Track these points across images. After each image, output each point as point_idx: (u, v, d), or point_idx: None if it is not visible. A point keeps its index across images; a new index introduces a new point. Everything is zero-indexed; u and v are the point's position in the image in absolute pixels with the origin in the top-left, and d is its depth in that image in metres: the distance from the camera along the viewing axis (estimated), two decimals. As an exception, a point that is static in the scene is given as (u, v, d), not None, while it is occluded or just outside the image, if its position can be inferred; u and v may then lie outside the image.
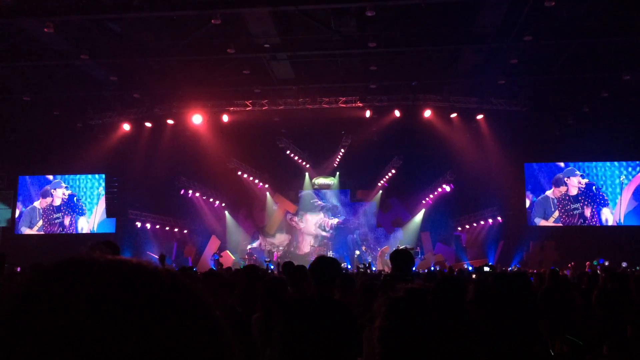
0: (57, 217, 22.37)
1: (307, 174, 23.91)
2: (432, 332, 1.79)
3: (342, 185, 24.13)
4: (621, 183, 20.57)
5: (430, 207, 22.70)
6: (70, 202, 22.40)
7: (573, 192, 20.79)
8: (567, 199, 20.82)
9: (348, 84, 17.69)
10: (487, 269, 11.66)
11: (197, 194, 22.46)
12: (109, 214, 21.83)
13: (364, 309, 4.20)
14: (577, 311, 6.51)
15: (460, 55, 15.72)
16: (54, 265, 0.53)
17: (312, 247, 23.77)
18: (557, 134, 19.62)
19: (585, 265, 15.22)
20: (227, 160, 21.89)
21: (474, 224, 21.88)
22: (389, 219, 24.07)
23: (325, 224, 24.20)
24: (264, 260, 19.70)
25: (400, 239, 22.92)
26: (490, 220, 20.97)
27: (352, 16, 13.40)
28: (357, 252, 22.83)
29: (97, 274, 0.51)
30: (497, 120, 18.86)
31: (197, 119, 18.63)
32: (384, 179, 22.94)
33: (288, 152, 22.56)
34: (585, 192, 20.70)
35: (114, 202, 21.56)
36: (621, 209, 20.44)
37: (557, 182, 20.90)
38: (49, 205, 22.35)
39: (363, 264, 15.63)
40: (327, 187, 24.17)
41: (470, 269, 16.28)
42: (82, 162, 20.63)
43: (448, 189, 21.31)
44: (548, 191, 20.96)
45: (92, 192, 22.44)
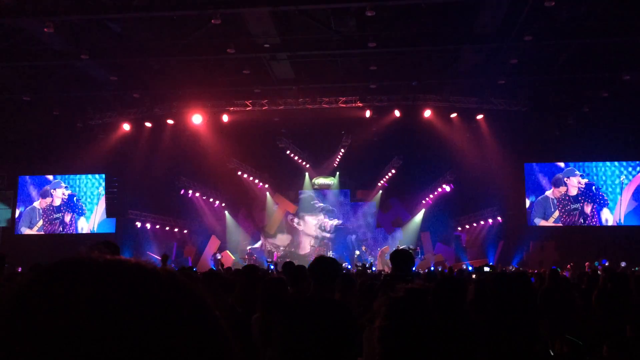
0: (57, 217, 22.36)
1: (307, 174, 23.89)
2: (432, 332, 1.79)
3: (342, 185, 24.12)
4: (621, 183, 20.57)
5: (430, 207, 22.69)
6: (70, 202, 22.39)
7: (573, 192, 20.79)
8: (567, 199, 20.82)
9: (348, 84, 17.69)
10: (487, 269, 11.64)
11: (197, 194, 22.46)
12: (109, 214, 21.84)
13: (364, 309, 4.20)
14: (577, 311, 6.51)
15: (460, 55, 15.71)
16: (53, 266, 0.53)
17: (312, 248, 23.77)
18: (557, 134, 19.62)
19: (585, 266, 15.20)
20: (227, 160, 21.89)
21: (474, 224, 21.87)
22: (389, 219, 24.06)
23: (325, 225, 24.19)
24: (266, 261, 19.70)
25: (400, 239, 22.91)
26: (490, 220, 20.96)
27: (352, 16, 13.40)
28: (357, 252, 22.83)
29: (96, 274, 0.51)
30: (497, 120, 18.87)
31: (197, 119, 18.64)
32: (384, 179, 22.93)
33: (288, 152, 22.56)
34: (585, 192, 20.70)
35: (114, 202, 21.57)
36: (621, 209, 20.45)
37: (557, 183, 20.90)
38: (48, 205, 22.33)
39: (363, 263, 15.63)
40: (327, 187, 24.15)
41: (470, 269, 16.27)
42: (82, 162, 20.65)
43: (448, 189, 21.30)
44: (548, 191, 20.96)
45: (92, 192, 22.44)
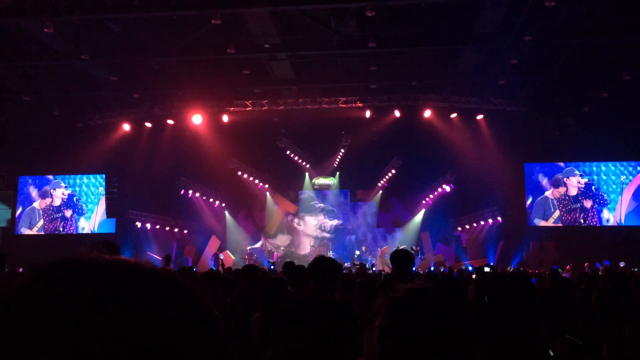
0: (57, 217, 22.36)
1: (307, 174, 23.89)
2: (432, 332, 1.78)
3: (342, 185, 24.11)
4: (622, 183, 20.57)
5: (430, 207, 22.68)
6: (70, 202, 22.39)
7: (573, 192, 20.78)
8: (567, 199, 20.81)
9: (348, 84, 17.68)
10: (487, 270, 11.62)
11: (197, 194, 22.45)
12: (109, 214, 21.84)
13: (363, 309, 4.20)
14: (577, 311, 6.51)
15: (460, 55, 15.71)
16: (52, 265, 0.53)
17: (312, 248, 23.77)
18: (557, 134, 19.62)
19: (584, 267, 15.19)
20: (227, 160, 21.88)
21: (474, 224, 21.86)
22: (389, 219, 24.05)
23: (324, 225, 24.18)
24: (267, 261, 19.70)
25: (400, 239, 22.91)
26: (490, 220, 20.95)
27: (352, 16, 13.40)
28: (357, 252, 22.83)
29: (96, 274, 0.51)
30: (497, 120, 18.87)
31: (197, 119, 18.64)
32: (384, 179, 22.92)
33: (288, 152, 22.55)
34: (585, 192, 20.70)
35: (114, 202, 21.57)
36: (622, 209, 20.44)
37: (556, 183, 20.89)
38: (48, 205, 22.33)
39: (361, 263, 15.63)
40: (327, 187, 24.15)
41: (470, 269, 16.26)
42: (82, 162, 20.65)
43: (448, 189, 21.29)
44: (547, 192, 20.96)
45: (92, 192, 22.43)
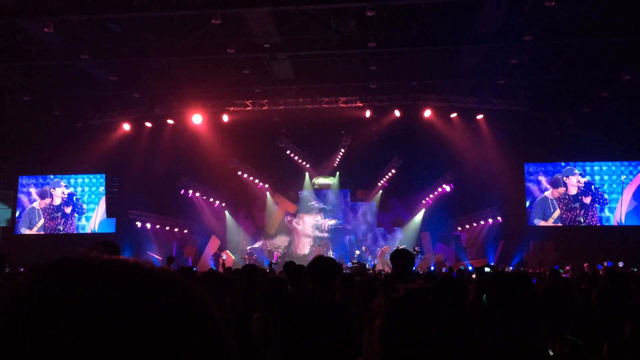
0: (57, 217, 22.36)
1: (307, 174, 23.89)
2: (432, 332, 1.78)
3: (342, 185, 24.11)
4: (622, 183, 20.57)
5: (430, 207, 22.69)
6: (70, 201, 22.39)
7: (572, 192, 20.79)
8: (567, 198, 20.81)
9: (348, 84, 17.68)
10: (487, 270, 11.61)
11: (197, 194, 22.45)
12: (109, 214, 21.85)
13: (363, 309, 4.20)
14: (577, 311, 6.50)
15: (460, 55, 15.71)
16: (52, 265, 0.53)
17: (312, 248, 23.77)
18: (557, 134, 19.62)
19: (584, 267, 15.18)
20: (227, 160, 21.88)
21: (474, 224, 21.86)
22: (389, 219, 24.05)
23: (322, 225, 24.17)
24: (267, 261, 19.67)
25: (400, 239, 22.91)
26: (490, 220, 20.96)
27: (352, 16, 13.40)
28: (357, 252, 22.83)
29: (95, 274, 0.51)
30: (497, 120, 18.87)
31: (197, 119, 18.64)
32: (384, 179, 22.92)
33: (288, 152, 22.55)
34: (585, 191, 20.70)
35: (114, 202, 21.57)
36: (622, 209, 20.44)
37: (556, 183, 20.89)
38: (48, 205, 22.33)
39: (358, 262, 15.64)
40: (327, 187, 24.15)
41: (470, 269, 16.26)
42: (82, 162, 20.67)
43: (448, 189, 21.30)
44: (547, 192, 20.96)
45: (92, 191, 22.44)
